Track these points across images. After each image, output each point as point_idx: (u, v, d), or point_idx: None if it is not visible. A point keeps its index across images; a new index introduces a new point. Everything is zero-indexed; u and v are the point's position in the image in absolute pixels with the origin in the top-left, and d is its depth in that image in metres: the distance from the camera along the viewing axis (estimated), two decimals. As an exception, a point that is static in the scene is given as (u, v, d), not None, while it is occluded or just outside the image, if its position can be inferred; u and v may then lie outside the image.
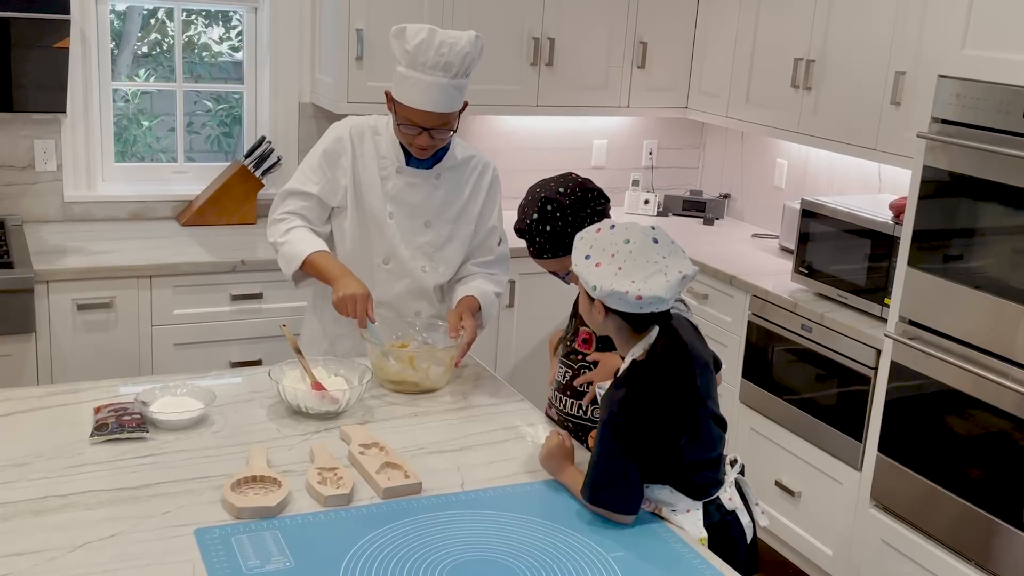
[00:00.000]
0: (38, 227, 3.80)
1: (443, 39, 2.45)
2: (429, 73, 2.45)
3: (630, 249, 1.86)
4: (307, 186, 2.63)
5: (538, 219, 2.26)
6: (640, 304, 1.84)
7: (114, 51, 4.12)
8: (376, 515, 1.87)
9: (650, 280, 1.83)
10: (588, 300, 1.93)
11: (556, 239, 2.26)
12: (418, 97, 2.47)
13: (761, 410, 3.72)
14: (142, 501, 1.87)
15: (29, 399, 2.30)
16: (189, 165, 4.24)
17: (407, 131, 2.53)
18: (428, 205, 2.66)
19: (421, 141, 2.53)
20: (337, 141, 2.64)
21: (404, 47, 2.46)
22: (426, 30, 2.44)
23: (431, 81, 2.45)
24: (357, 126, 2.66)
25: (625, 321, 1.90)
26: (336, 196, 2.64)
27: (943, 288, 2.90)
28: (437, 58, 2.44)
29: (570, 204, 2.24)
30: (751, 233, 4.54)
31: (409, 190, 2.64)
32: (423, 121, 2.50)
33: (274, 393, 2.33)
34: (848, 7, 3.70)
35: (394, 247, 2.66)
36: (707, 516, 1.95)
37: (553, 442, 2.05)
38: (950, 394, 2.89)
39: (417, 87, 2.46)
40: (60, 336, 3.37)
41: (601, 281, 1.85)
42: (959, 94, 2.82)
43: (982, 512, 2.81)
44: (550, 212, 2.24)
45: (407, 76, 2.47)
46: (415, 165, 2.63)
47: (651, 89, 4.53)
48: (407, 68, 2.47)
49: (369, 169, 2.63)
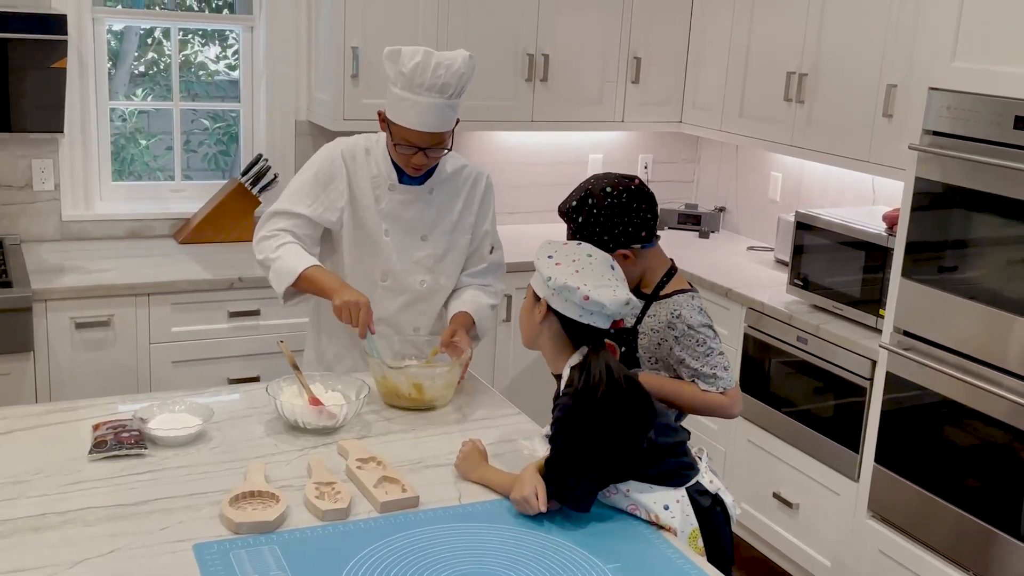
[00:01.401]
0: (36, 246, 3.81)
1: (439, 61, 2.47)
2: (425, 95, 2.46)
3: (590, 261, 1.99)
4: (298, 207, 2.62)
5: (576, 207, 2.29)
6: (584, 306, 1.92)
7: (111, 71, 4.15)
8: (374, 529, 1.88)
9: (600, 289, 1.93)
10: (532, 301, 2.03)
11: (587, 230, 2.28)
12: (414, 118, 2.48)
13: (758, 422, 3.73)
14: (141, 517, 1.88)
15: (28, 417, 2.31)
16: (186, 183, 4.26)
17: (403, 151, 2.54)
18: (423, 220, 2.67)
19: (416, 160, 2.55)
20: (330, 163, 2.64)
21: (399, 69, 2.47)
22: (421, 52, 2.46)
23: (427, 102, 2.47)
24: (349, 147, 2.66)
25: (563, 328, 1.97)
26: (331, 217, 2.64)
27: (937, 299, 2.91)
28: (433, 80, 2.46)
29: (608, 206, 2.26)
30: (746, 246, 4.56)
31: (403, 207, 2.65)
32: (419, 141, 2.51)
33: (272, 409, 2.34)
34: (840, 21, 3.73)
35: (391, 264, 2.66)
36: (694, 504, 1.98)
37: (467, 447, 2.13)
38: (945, 404, 2.90)
39: (413, 108, 2.47)
40: (58, 354, 3.38)
41: (556, 274, 1.95)
42: (950, 106, 2.85)
43: (979, 522, 2.81)
44: (588, 205, 2.27)
45: (403, 97, 2.48)
46: (408, 182, 2.64)
47: (645, 103, 4.56)
48: (402, 90, 2.48)
49: (363, 189, 2.64)
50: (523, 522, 1.94)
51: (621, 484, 1.97)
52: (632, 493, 1.97)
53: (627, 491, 1.97)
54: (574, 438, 1.90)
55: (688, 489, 1.99)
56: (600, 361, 1.94)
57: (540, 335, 2.03)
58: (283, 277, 2.55)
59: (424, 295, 2.71)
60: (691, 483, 2.00)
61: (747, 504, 3.75)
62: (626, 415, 1.92)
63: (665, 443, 1.99)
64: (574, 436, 1.90)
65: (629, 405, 1.93)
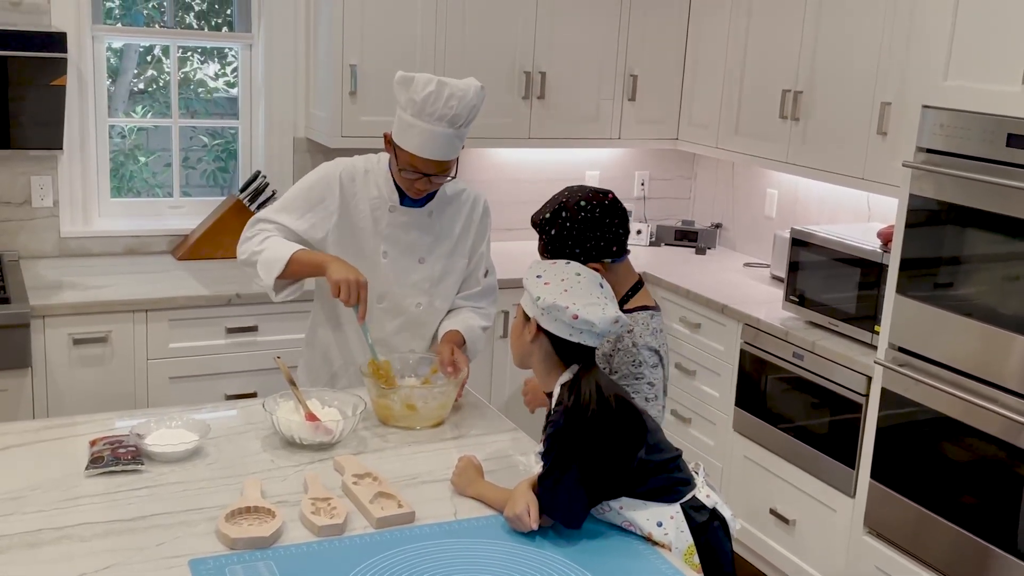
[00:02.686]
0: (34, 262, 3.82)
1: (452, 91, 2.44)
2: (435, 123, 2.44)
3: (579, 280, 2.01)
4: (285, 219, 2.60)
5: (549, 219, 2.30)
6: (574, 325, 1.94)
7: (110, 88, 4.17)
8: (370, 544, 1.88)
9: (589, 308, 1.95)
10: (523, 321, 2.05)
11: (558, 244, 2.28)
12: (423, 145, 2.46)
13: (754, 438, 3.73)
14: (137, 533, 1.88)
15: (25, 433, 2.31)
16: (185, 200, 4.28)
17: (407, 175, 2.53)
18: (422, 242, 2.66)
19: (420, 185, 2.55)
20: (325, 182, 2.62)
21: (412, 96, 2.45)
22: (435, 82, 2.44)
23: (437, 131, 2.45)
24: (349, 168, 2.64)
25: (553, 347, 1.99)
26: (317, 235, 2.60)
27: (932, 315, 2.92)
28: (445, 110, 2.44)
29: (582, 219, 2.26)
30: (743, 262, 4.58)
31: (403, 228, 2.64)
32: (424, 168, 2.50)
33: (268, 425, 2.35)
34: (834, 39, 3.76)
35: (388, 286, 2.66)
36: (689, 520, 1.97)
37: (463, 463, 2.15)
38: (941, 421, 2.91)
39: (423, 135, 2.45)
40: (56, 370, 3.38)
41: (545, 294, 1.96)
42: (943, 124, 2.86)
43: (976, 538, 2.82)
44: (562, 218, 2.28)
45: (412, 124, 2.46)
46: (408, 204, 2.63)
47: (642, 121, 4.58)
48: (413, 116, 2.46)
49: (362, 210, 2.62)
50: (519, 538, 1.94)
51: (614, 501, 1.98)
52: (625, 510, 1.98)
53: (620, 508, 1.98)
54: (565, 455, 1.91)
55: (683, 505, 1.99)
56: (591, 380, 1.95)
57: (531, 355, 2.05)
58: (272, 265, 2.51)
59: (420, 317, 2.71)
60: (686, 498, 2.00)
61: (744, 520, 3.75)
62: (617, 433, 1.93)
63: (657, 460, 1.99)
64: (565, 453, 1.91)
65: (619, 423, 1.94)
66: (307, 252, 2.53)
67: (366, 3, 3.90)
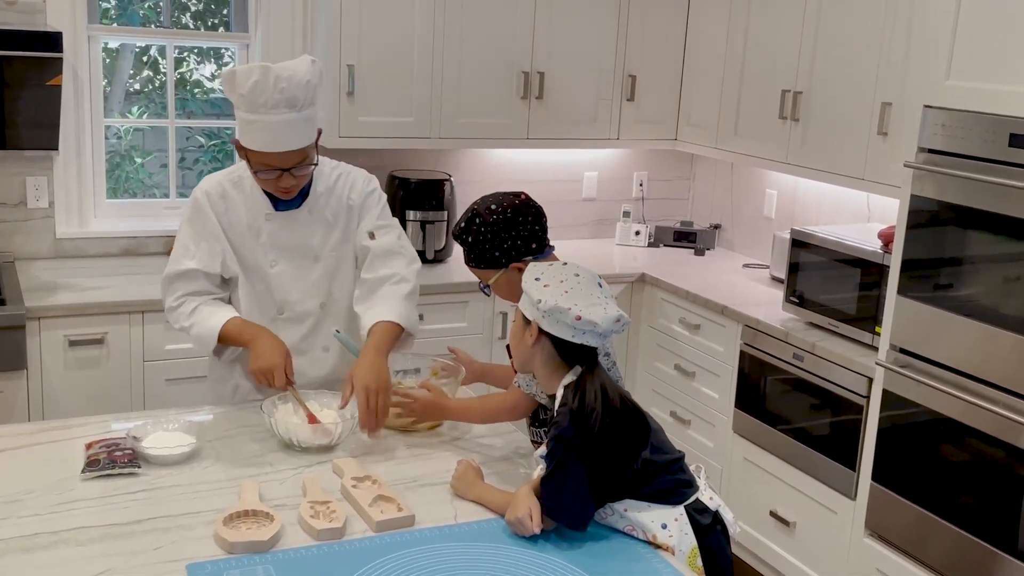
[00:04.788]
0: (30, 264, 3.80)
1: (278, 74, 2.31)
2: (272, 112, 2.31)
3: (578, 281, 2.00)
4: (184, 263, 2.49)
5: (464, 227, 2.32)
6: (577, 326, 1.93)
7: (106, 88, 4.14)
8: (369, 548, 1.87)
9: (591, 308, 1.94)
10: (523, 324, 2.03)
11: (478, 250, 2.31)
12: (268, 139, 2.32)
13: (754, 440, 3.72)
14: (134, 537, 1.87)
15: (20, 436, 2.29)
16: (182, 201, 4.25)
17: (266, 176, 2.39)
18: (310, 242, 2.53)
19: (284, 183, 2.40)
20: (197, 209, 2.50)
21: (239, 92, 2.32)
22: (258, 69, 2.31)
23: (276, 120, 2.31)
24: (214, 187, 2.50)
25: (555, 349, 1.98)
26: (216, 263, 2.49)
27: (933, 316, 2.91)
28: (277, 96, 2.30)
29: (493, 222, 2.28)
30: (742, 263, 4.56)
31: (286, 233, 2.50)
32: (280, 163, 2.36)
33: (266, 427, 2.33)
34: (834, 38, 3.75)
35: (284, 295, 2.54)
36: (693, 522, 1.96)
37: (463, 465, 2.14)
38: (942, 422, 2.90)
39: (265, 129, 2.32)
40: (52, 373, 3.36)
41: (546, 296, 1.95)
42: (944, 124, 2.85)
43: (977, 540, 2.80)
44: (476, 225, 2.30)
45: (251, 120, 2.33)
46: (284, 207, 2.50)
47: (640, 121, 4.57)
48: (248, 112, 2.32)
49: (241, 224, 2.49)
50: (519, 541, 1.92)
51: (617, 504, 1.96)
52: (629, 512, 1.96)
53: (624, 510, 1.96)
54: (570, 458, 1.90)
55: (687, 507, 1.97)
56: (595, 382, 1.93)
57: (533, 358, 2.03)
58: (206, 341, 2.46)
59: (324, 315, 2.59)
60: (690, 500, 1.99)
61: (743, 523, 3.73)
62: (621, 435, 1.92)
63: (660, 461, 1.98)
64: (569, 456, 1.90)
65: (624, 425, 1.92)
66: (235, 325, 2.43)
67: (364, 3, 3.89)
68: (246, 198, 2.50)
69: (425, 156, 4.44)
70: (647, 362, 4.33)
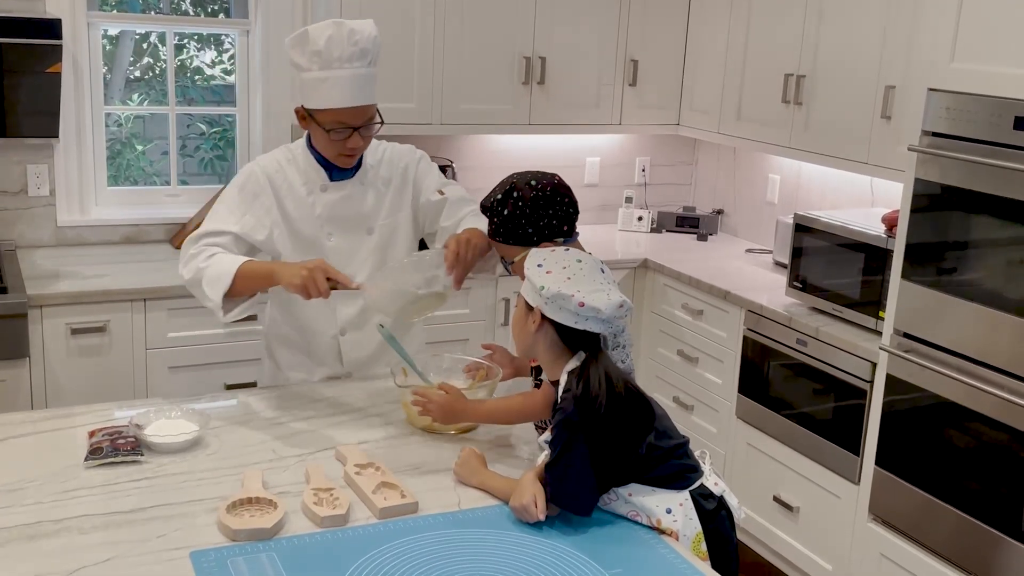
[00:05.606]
0: (31, 252, 3.79)
1: (352, 28, 2.36)
2: (346, 67, 2.35)
3: (580, 267, 1.99)
4: (225, 225, 2.43)
5: (500, 200, 2.29)
6: (580, 313, 1.92)
7: (106, 75, 4.13)
8: (372, 535, 1.86)
9: (594, 294, 1.93)
10: (525, 311, 2.02)
11: (511, 225, 2.28)
12: (343, 94, 2.35)
13: (758, 425, 3.72)
14: (137, 525, 1.86)
15: (23, 424, 2.29)
16: (183, 188, 4.25)
17: (337, 136, 2.40)
18: (364, 212, 2.55)
19: (352, 143, 2.42)
20: (254, 180, 2.49)
21: (313, 49, 2.35)
22: (331, 24, 2.35)
23: (350, 74, 2.35)
24: (271, 163, 2.52)
25: (558, 335, 1.97)
26: (260, 236, 2.47)
27: (937, 300, 2.90)
28: (351, 48, 2.34)
29: (532, 199, 2.26)
30: (745, 248, 4.55)
31: (341, 204, 2.53)
32: (353, 119, 2.38)
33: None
34: (837, 22, 3.73)
35: (340, 267, 2.46)
36: (698, 507, 1.96)
37: (466, 453, 2.13)
38: (946, 406, 2.89)
39: (339, 84, 2.35)
40: (54, 361, 3.36)
41: (549, 283, 1.94)
42: (949, 107, 2.84)
43: (981, 524, 2.80)
44: (513, 199, 2.27)
45: (324, 78, 2.35)
46: (338, 178, 2.52)
47: (643, 107, 4.55)
48: (321, 69, 2.35)
49: (295, 200, 2.51)
50: (524, 528, 1.92)
51: (622, 488, 1.96)
52: (634, 496, 1.96)
53: (629, 495, 1.96)
54: (574, 443, 1.89)
55: (692, 492, 1.97)
56: (599, 368, 1.93)
57: (536, 344, 2.03)
58: (218, 280, 2.32)
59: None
60: (695, 486, 1.98)
61: (747, 508, 3.74)
62: (625, 421, 1.91)
63: (665, 446, 1.98)
64: (574, 441, 1.89)
65: (628, 411, 1.92)
66: (253, 263, 2.36)
67: (364, -12, 3.87)
68: (301, 173, 2.53)
69: (426, 142, 4.41)
70: (650, 348, 4.32)
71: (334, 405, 2.47)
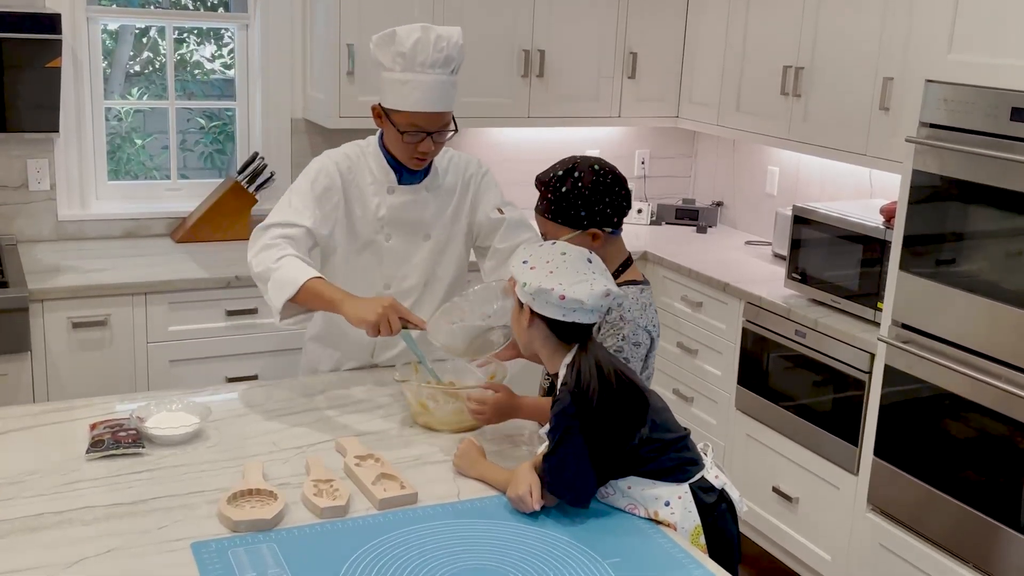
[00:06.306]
0: (32, 246, 3.80)
1: (439, 34, 2.39)
2: (429, 72, 2.38)
3: (564, 259, 1.99)
4: (300, 219, 2.44)
5: (561, 177, 2.27)
6: (563, 305, 1.93)
7: (106, 70, 4.13)
8: (372, 526, 1.87)
9: (576, 286, 1.93)
10: (518, 307, 2.04)
11: (565, 203, 2.26)
12: (422, 99, 2.38)
13: (757, 416, 3.73)
14: (139, 516, 1.88)
15: (24, 417, 2.30)
16: (182, 182, 4.25)
17: (410, 139, 2.43)
18: (425, 218, 2.59)
19: (425, 147, 2.44)
20: (325, 174, 2.50)
21: (398, 50, 2.38)
22: (420, 28, 2.38)
23: (432, 80, 2.38)
24: (343, 158, 2.54)
25: (550, 330, 1.98)
26: (325, 231, 2.49)
27: (935, 291, 2.91)
28: (436, 54, 2.37)
29: (594, 182, 2.25)
30: (744, 240, 4.56)
31: (405, 208, 2.56)
32: (428, 124, 2.41)
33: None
34: (835, 14, 3.73)
35: (394, 269, 2.58)
36: (697, 500, 1.96)
37: (465, 444, 2.14)
38: (945, 397, 2.90)
39: (419, 88, 2.38)
40: (55, 354, 3.37)
41: (531, 279, 1.95)
42: (946, 98, 2.84)
43: (980, 515, 2.81)
44: (574, 178, 2.26)
45: (405, 80, 2.39)
46: (407, 181, 2.56)
47: (642, 99, 4.55)
48: (404, 71, 2.38)
49: (360, 197, 2.53)
50: (522, 518, 1.93)
51: (621, 481, 1.97)
52: (633, 489, 1.96)
53: (628, 488, 1.97)
54: (572, 434, 1.90)
55: (692, 485, 1.98)
56: (589, 358, 1.93)
57: (532, 341, 2.04)
58: (283, 288, 2.33)
59: (426, 293, 2.64)
60: (695, 478, 1.99)
61: (747, 499, 3.74)
62: (620, 409, 1.92)
63: (665, 439, 1.98)
64: (571, 432, 1.90)
65: (622, 399, 1.93)
66: (322, 283, 2.33)
67: (363, -18, 3.87)
68: (371, 171, 2.54)
69: (426, 135, 4.43)
70: (650, 340, 4.32)
71: (334, 398, 2.48)
